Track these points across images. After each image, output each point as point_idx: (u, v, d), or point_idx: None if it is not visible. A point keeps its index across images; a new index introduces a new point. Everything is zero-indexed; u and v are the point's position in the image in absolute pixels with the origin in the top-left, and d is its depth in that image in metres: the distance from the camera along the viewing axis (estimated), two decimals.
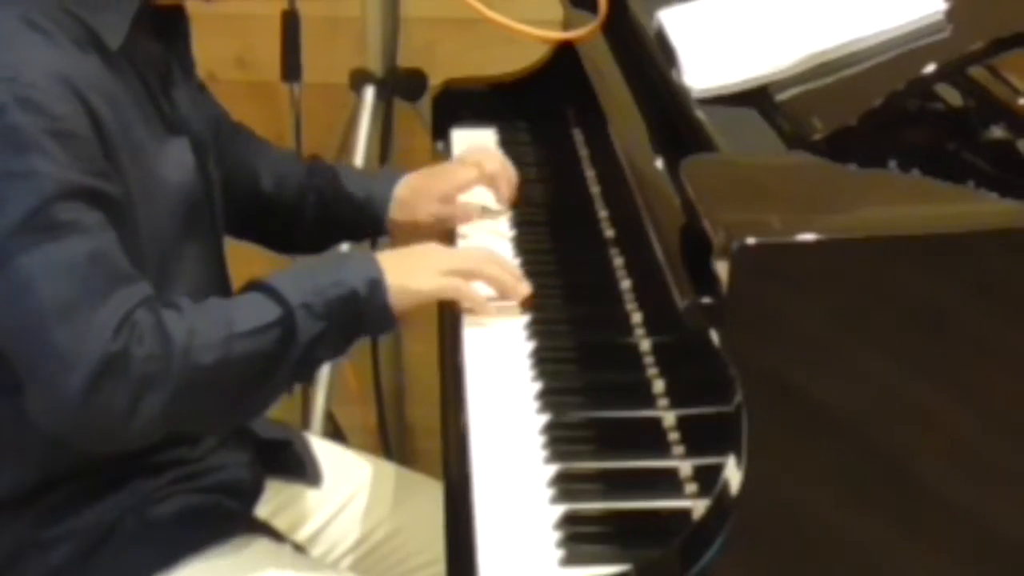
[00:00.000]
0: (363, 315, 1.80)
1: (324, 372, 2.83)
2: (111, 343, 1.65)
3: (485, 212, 2.19)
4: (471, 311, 1.90)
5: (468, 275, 1.90)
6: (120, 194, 1.72)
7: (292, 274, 1.82)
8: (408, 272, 1.84)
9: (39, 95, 1.65)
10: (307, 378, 2.02)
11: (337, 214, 2.19)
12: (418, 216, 2.17)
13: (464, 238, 2.15)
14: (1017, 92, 1.71)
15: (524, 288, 1.93)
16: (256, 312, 1.75)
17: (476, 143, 2.33)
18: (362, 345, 2.26)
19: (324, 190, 2.18)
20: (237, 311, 1.76)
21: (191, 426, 1.83)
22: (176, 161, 1.85)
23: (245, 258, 2.21)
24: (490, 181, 2.19)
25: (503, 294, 1.92)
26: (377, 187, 2.20)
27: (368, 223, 2.20)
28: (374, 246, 2.80)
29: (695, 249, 1.44)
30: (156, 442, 1.76)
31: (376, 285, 1.80)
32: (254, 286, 1.80)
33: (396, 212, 2.18)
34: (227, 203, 2.06)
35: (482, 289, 1.91)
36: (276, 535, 1.94)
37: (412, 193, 2.18)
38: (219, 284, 1.97)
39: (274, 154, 2.21)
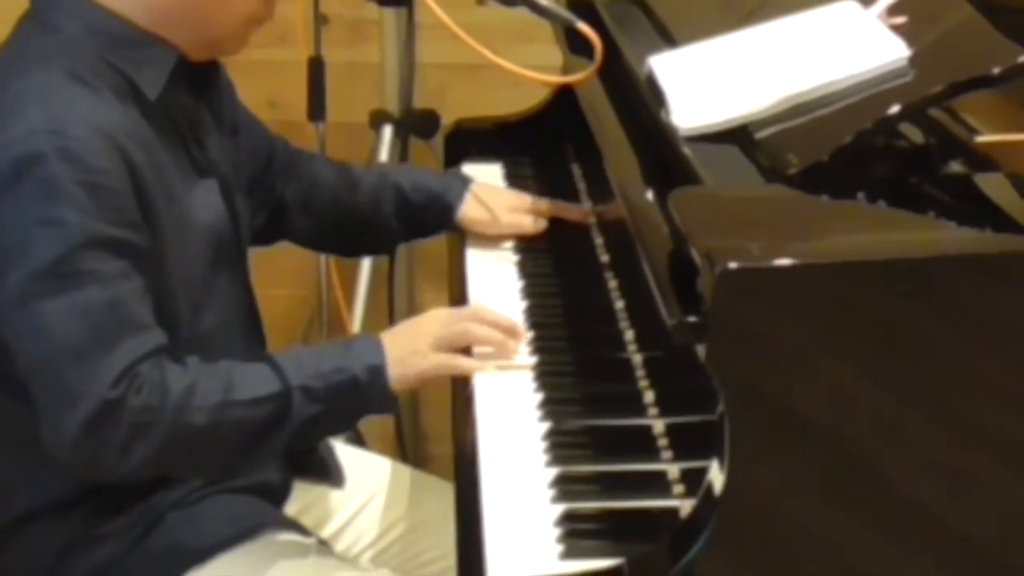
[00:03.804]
0: (363, 399, 1.77)
1: None
2: (111, 390, 1.63)
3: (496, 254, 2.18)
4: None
5: (461, 343, 1.83)
6: (147, 243, 1.71)
7: (299, 355, 1.78)
8: (406, 356, 1.78)
9: (79, 147, 1.64)
10: (307, 446, 2.00)
11: (415, 205, 2.18)
12: (496, 215, 2.18)
13: (474, 261, 2.16)
14: (973, 131, 1.71)
15: (514, 344, 1.86)
16: (256, 383, 1.72)
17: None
18: None
19: (401, 185, 2.18)
20: (240, 378, 1.72)
21: (179, 473, 1.82)
22: (205, 201, 1.84)
23: (269, 282, 2.21)
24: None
25: (498, 351, 1.86)
26: (448, 182, 2.21)
27: (439, 214, 2.18)
28: (392, 268, 2.82)
29: (682, 272, 1.44)
30: None
31: (377, 371, 1.75)
32: (264, 358, 1.77)
33: (470, 209, 2.18)
34: (307, 218, 2.10)
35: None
36: (303, 531, 1.94)
37: (485, 196, 2.19)
38: (247, 311, 1.97)
39: (338, 166, 2.21)
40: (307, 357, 1.77)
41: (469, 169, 2.48)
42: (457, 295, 2.10)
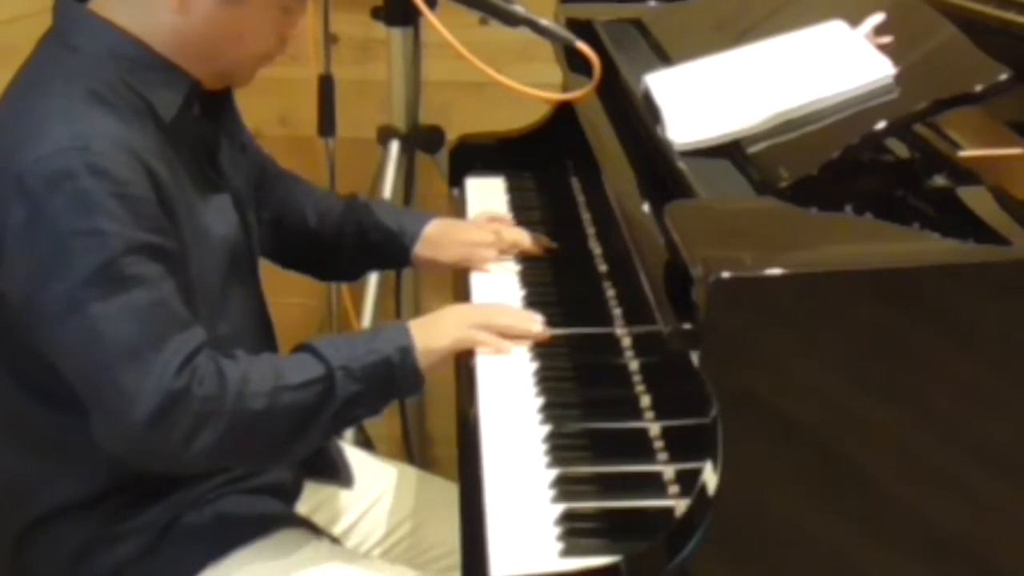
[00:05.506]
0: (395, 378, 1.79)
1: None
2: (174, 381, 1.64)
3: (498, 264, 2.17)
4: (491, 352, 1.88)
5: (483, 328, 1.88)
6: (176, 247, 1.72)
7: (334, 341, 1.81)
8: (431, 334, 1.83)
9: (106, 162, 1.65)
10: (342, 430, 2.01)
11: (372, 243, 2.18)
12: (440, 256, 2.17)
13: (477, 271, 2.16)
14: (956, 146, 1.71)
15: (538, 328, 1.91)
16: (302, 369, 1.75)
17: (497, 212, 2.32)
18: None
19: (362, 222, 2.18)
20: (285, 366, 1.75)
21: (237, 462, 1.83)
22: (220, 215, 1.85)
23: (280, 291, 2.22)
24: (503, 249, 2.18)
25: (521, 338, 1.90)
26: (408, 222, 2.20)
27: (396, 253, 2.19)
28: (399, 278, 2.83)
29: (677, 282, 1.44)
30: None
31: (406, 352, 1.79)
32: (302, 347, 1.79)
33: (422, 249, 2.18)
34: (278, 238, 2.09)
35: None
36: (315, 529, 1.94)
37: (439, 235, 2.18)
38: (260, 319, 1.97)
39: (317, 194, 2.21)
40: (341, 342, 1.80)
41: (473, 183, 2.49)
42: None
